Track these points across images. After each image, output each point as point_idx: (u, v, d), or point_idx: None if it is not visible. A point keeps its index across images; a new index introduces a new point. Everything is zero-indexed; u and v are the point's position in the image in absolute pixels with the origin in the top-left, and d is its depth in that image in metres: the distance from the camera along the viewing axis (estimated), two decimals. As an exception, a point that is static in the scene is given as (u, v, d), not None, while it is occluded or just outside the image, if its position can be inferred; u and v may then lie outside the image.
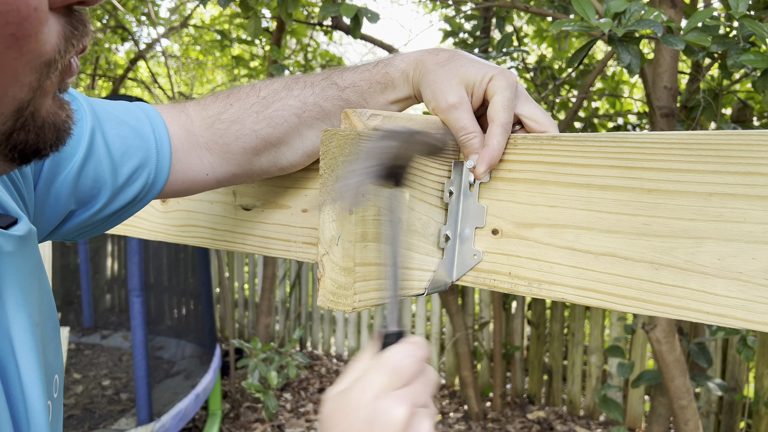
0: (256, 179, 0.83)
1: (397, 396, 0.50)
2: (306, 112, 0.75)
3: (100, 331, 4.61)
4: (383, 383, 0.50)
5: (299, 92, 0.75)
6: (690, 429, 2.29)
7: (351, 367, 0.56)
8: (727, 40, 1.54)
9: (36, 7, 0.39)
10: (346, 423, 0.50)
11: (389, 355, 0.51)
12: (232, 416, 3.94)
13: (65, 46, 0.42)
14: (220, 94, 0.80)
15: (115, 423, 3.07)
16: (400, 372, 0.51)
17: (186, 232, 0.99)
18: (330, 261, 0.61)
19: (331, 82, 0.75)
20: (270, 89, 0.77)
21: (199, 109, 0.80)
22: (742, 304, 0.54)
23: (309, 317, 5.28)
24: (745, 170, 0.53)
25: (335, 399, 0.52)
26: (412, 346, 0.52)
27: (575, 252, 0.62)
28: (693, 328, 3.04)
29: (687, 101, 2.40)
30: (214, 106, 0.78)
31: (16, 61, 0.40)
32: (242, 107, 0.77)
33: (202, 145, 0.78)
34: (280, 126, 0.76)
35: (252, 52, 5.18)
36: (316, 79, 0.76)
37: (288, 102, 0.75)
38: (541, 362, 4.19)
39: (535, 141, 0.64)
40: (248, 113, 0.76)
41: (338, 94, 0.74)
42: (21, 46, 0.39)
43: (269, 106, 0.76)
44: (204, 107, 0.79)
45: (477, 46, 2.68)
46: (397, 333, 0.53)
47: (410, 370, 0.51)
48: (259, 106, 0.76)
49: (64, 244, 4.77)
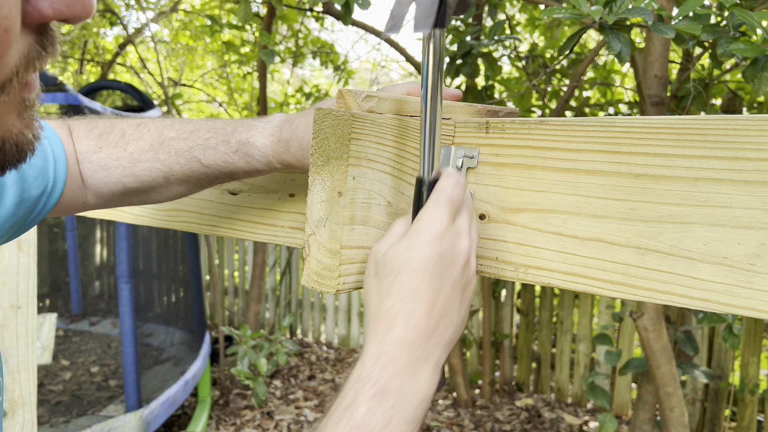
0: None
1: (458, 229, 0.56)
2: (173, 176, 0.75)
3: (89, 318, 4.59)
4: (444, 216, 0.55)
5: (165, 158, 0.74)
6: (676, 416, 2.31)
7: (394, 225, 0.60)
8: (717, 29, 1.54)
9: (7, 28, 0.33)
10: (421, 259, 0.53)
11: (441, 189, 0.56)
12: (222, 403, 3.95)
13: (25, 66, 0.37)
14: (94, 128, 0.78)
15: (104, 409, 3.07)
16: (454, 202, 0.56)
17: (172, 216, 0.98)
18: (316, 242, 0.61)
19: (192, 157, 0.73)
20: (136, 147, 0.75)
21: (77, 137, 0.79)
22: (726, 288, 0.54)
23: (299, 305, 5.28)
24: (732, 155, 0.53)
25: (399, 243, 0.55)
26: (455, 176, 0.57)
27: (562, 237, 0.62)
28: (680, 316, 3.07)
29: (677, 90, 2.40)
30: (87, 141, 0.77)
31: None
32: (109, 156, 0.76)
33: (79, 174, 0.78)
34: (148, 182, 0.76)
35: (242, 37, 5.13)
36: (181, 147, 0.73)
37: (154, 165, 0.74)
38: (529, 350, 4.22)
39: (523, 125, 0.64)
40: (115, 165, 0.76)
41: (203, 171, 0.73)
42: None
43: (135, 164, 0.75)
44: (79, 138, 0.78)
45: (469, 33, 2.67)
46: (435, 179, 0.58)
47: (460, 197, 0.57)
48: (126, 161, 0.75)
49: (52, 230, 4.74)
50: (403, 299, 0.53)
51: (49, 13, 0.36)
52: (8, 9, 0.33)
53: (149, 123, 0.77)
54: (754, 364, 3.40)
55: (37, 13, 0.35)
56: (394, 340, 0.53)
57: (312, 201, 0.61)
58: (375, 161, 0.61)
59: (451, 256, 0.55)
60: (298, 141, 0.65)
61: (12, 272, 1.33)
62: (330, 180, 0.59)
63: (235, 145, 0.70)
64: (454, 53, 2.46)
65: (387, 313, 0.54)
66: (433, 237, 0.54)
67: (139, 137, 0.75)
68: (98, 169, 0.76)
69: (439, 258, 0.54)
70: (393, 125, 0.63)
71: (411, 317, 0.53)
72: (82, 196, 0.79)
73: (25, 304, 1.35)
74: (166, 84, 5.77)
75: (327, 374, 4.50)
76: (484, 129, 0.67)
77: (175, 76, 6.65)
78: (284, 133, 0.67)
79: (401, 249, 0.55)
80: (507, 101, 3.10)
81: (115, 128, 0.77)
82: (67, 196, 0.76)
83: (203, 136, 0.72)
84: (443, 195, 0.56)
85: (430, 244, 0.54)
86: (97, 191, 0.79)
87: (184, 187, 0.77)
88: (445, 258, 0.54)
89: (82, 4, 0.36)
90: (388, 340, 0.53)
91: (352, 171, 0.59)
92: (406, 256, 0.54)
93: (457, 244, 0.56)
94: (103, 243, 4.89)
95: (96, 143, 0.77)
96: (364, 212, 0.62)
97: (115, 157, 0.75)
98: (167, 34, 6.40)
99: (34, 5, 0.35)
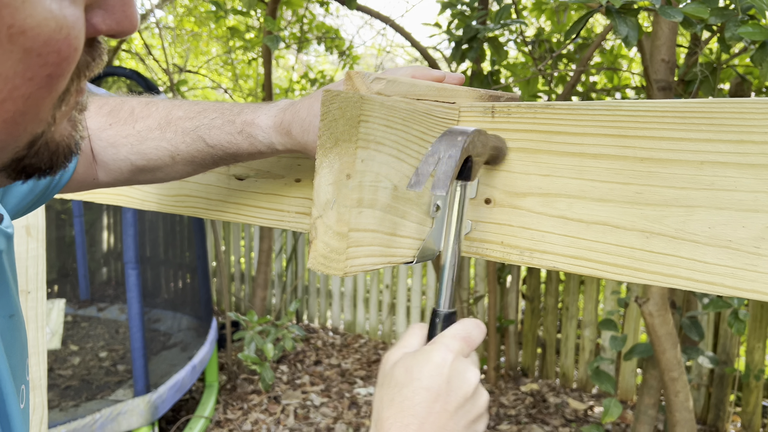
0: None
1: (469, 362, 0.58)
2: (179, 156, 0.76)
3: (97, 303, 4.63)
4: (460, 348, 0.57)
5: (171, 137, 0.75)
6: (680, 401, 2.32)
7: (408, 335, 0.62)
8: (725, 12, 1.53)
9: (76, 48, 0.36)
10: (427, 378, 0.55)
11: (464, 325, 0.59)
12: (229, 388, 3.98)
13: (78, 76, 0.40)
14: (104, 105, 0.79)
15: (113, 394, 3.10)
16: (471, 340, 0.58)
17: (179, 201, 0.99)
18: (324, 224, 0.61)
19: (198, 136, 0.74)
20: (144, 125, 0.76)
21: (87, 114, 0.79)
22: (731, 272, 0.54)
23: (305, 291, 5.30)
24: (738, 138, 0.53)
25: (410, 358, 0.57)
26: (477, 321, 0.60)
27: (567, 221, 0.62)
28: (686, 301, 3.07)
29: (685, 75, 2.39)
30: (97, 118, 0.78)
31: (43, 100, 0.37)
32: (119, 133, 0.77)
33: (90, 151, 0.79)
34: (155, 161, 0.77)
35: (247, 23, 5.12)
36: (187, 127, 0.74)
37: (161, 144, 0.75)
38: (535, 336, 4.23)
39: (529, 109, 0.64)
40: (123, 142, 0.77)
41: (208, 150, 0.74)
42: (52, 86, 0.36)
43: (143, 142, 0.76)
44: (88, 115, 0.79)
45: (475, 18, 2.65)
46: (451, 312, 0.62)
47: (477, 340, 0.59)
48: (133, 138, 0.76)
49: (60, 216, 4.76)
50: (402, 412, 0.54)
51: (102, 29, 0.38)
52: (78, 30, 0.35)
53: (158, 102, 0.78)
54: (760, 350, 3.41)
55: (92, 28, 0.38)
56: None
57: (319, 184, 0.61)
58: (383, 144, 0.61)
59: (458, 383, 0.55)
60: (299, 122, 0.66)
61: (21, 257, 1.34)
62: (338, 162, 0.59)
63: (240, 126, 0.71)
64: (459, 38, 2.45)
65: (383, 422, 0.54)
66: (445, 360, 0.55)
67: (147, 115, 0.76)
68: (108, 146, 0.77)
69: (446, 381, 0.55)
70: (401, 108, 0.63)
71: (405, 430, 0.53)
72: (93, 172, 0.80)
73: (34, 289, 1.37)
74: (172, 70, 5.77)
75: (333, 359, 4.53)
76: (490, 113, 0.67)
77: (180, 62, 6.64)
78: (287, 115, 0.68)
79: (411, 364, 0.56)
80: (513, 86, 3.09)
81: (124, 105, 0.78)
82: (79, 172, 0.77)
83: (210, 116, 0.73)
84: (464, 330, 0.59)
85: (440, 365, 0.55)
86: (106, 168, 0.79)
87: (189, 167, 0.78)
88: (452, 383, 0.55)
89: (130, 22, 0.39)
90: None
91: (360, 153, 0.59)
92: (414, 373, 0.55)
93: (467, 373, 0.56)
94: (110, 229, 4.92)
95: (106, 120, 0.77)
96: (372, 195, 0.62)
97: (124, 135, 0.76)
98: (172, 20, 6.39)
99: (89, 21, 0.37)
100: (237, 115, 0.71)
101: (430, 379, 0.54)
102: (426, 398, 0.54)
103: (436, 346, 0.57)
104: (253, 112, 0.71)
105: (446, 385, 0.54)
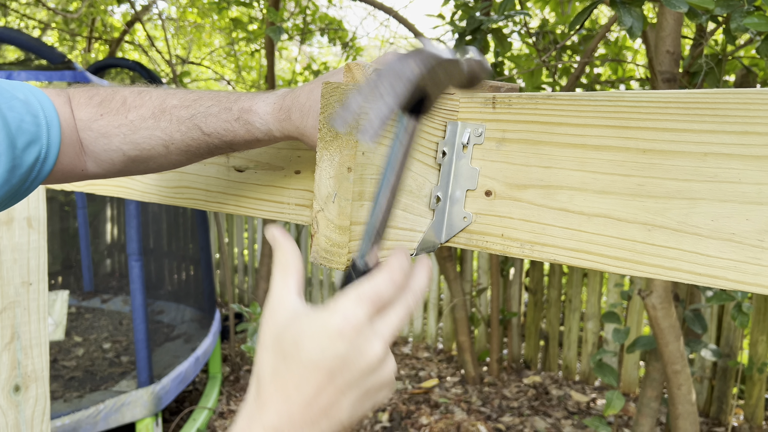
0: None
1: (373, 331, 0.49)
2: (173, 145, 0.75)
3: (101, 295, 4.64)
4: (365, 314, 0.49)
5: (166, 126, 0.74)
6: (683, 393, 2.31)
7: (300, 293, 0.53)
8: (731, 3, 1.51)
9: None
10: (319, 353, 0.48)
11: (373, 284, 0.49)
12: (232, 379, 4.00)
13: None
14: (95, 96, 0.78)
15: (116, 385, 3.11)
16: (379, 301, 0.49)
17: (179, 193, 0.98)
18: (325, 218, 0.61)
19: (194, 125, 0.73)
20: (137, 114, 0.75)
21: (77, 105, 0.78)
22: (734, 265, 0.53)
23: (308, 283, 5.31)
24: (742, 129, 0.52)
25: (301, 324, 0.49)
26: (395, 272, 0.50)
27: (568, 213, 0.61)
28: (689, 294, 3.06)
29: (690, 66, 2.36)
30: (87, 109, 0.77)
31: None
32: (110, 123, 0.76)
33: (77, 142, 0.77)
34: (148, 151, 0.76)
35: (250, 14, 5.10)
36: (182, 115, 0.73)
37: (155, 133, 0.74)
38: (537, 328, 4.23)
39: (530, 100, 0.63)
40: (116, 132, 0.75)
41: (204, 138, 0.73)
42: None
43: (136, 132, 0.75)
44: (79, 106, 0.78)
45: (478, 9, 2.63)
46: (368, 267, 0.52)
47: (390, 297, 0.50)
48: (126, 129, 0.75)
49: (63, 208, 4.77)
50: (287, 385, 0.49)
51: None
52: None
53: (151, 91, 0.77)
54: (763, 343, 3.40)
55: None
56: (262, 423, 0.49)
57: (320, 177, 0.60)
58: (383, 136, 0.61)
59: (354, 358, 0.48)
60: (299, 107, 0.65)
61: (23, 249, 1.34)
62: (339, 155, 0.59)
63: (237, 113, 0.70)
64: (463, 29, 2.43)
65: (265, 394, 0.50)
66: (340, 333, 0.48)
67: (140, 104, 0.75)
68: (99, 136, 0.76)
69: (340, 358, 0.48)
70: (399, 100, 0.62)
71: (287, 403, 0.49)
72: (81, 163, 0.78)
73: (36, 280, 1.37)
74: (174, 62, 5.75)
75: (336, 351, 4.54)
76: (491, 104, 0.66)
77: (183, 54, 6.62)
78: (286, 101, 0.67)
79: (303, 334, 0.49)
80: (517, 78, 3.07)
81: (116, 95, 0.77)
82: (64, 163, 0.76)
83: (206, 104, 0.72)
84: (372, 290, 0.49)
85: (334, 339, 0.48)
86: (97, 159, 0.78)
87: (183, 157, 0.77)
88: (348, 359, 0.48)
89: None
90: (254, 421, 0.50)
91: (361, 146, 0.59)
92: (306, 345, 0.48)
93: (366, 346, 0.48)
94: (113, 221, 4.93)
95: (97, 110, 0.76)
96: (373, 188, 0.61)
97: (116, 125, 0.75)
98: (175, 12, 6.37)
99: None
100: (234, 102, 0.71)
101: (322, 353, 0.48)
102: (315, 374, 0.48)
103: (333, 313, 0.48)
104: (250, 99, 0.70)
105: (341, 362, 0.48)
